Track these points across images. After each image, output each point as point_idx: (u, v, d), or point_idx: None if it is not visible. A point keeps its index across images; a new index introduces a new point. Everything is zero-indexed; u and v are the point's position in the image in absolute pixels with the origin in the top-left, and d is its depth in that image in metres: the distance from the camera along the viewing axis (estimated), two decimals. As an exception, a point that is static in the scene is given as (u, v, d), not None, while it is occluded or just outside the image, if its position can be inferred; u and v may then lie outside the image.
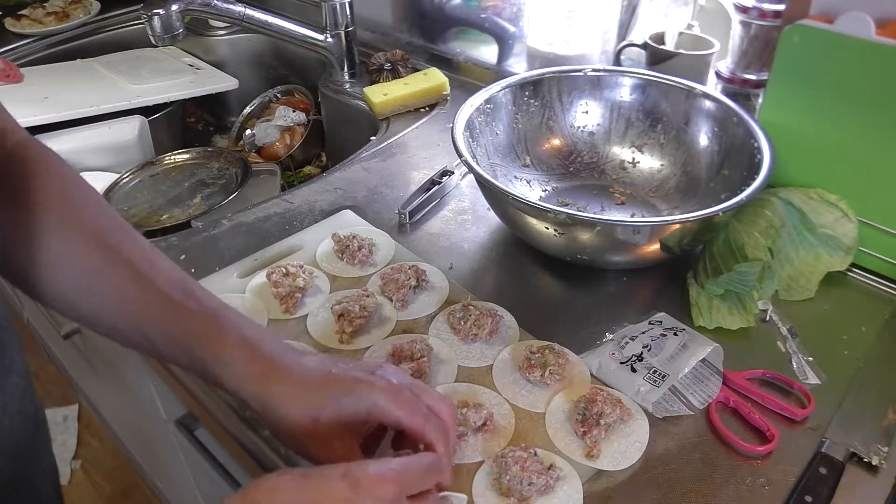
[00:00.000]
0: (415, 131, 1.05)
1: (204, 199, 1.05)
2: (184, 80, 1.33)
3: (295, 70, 1.45)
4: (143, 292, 0.49)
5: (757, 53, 0.90)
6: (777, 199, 0.76)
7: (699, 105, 0.85)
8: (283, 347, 0.50)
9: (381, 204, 0.88)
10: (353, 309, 0.66)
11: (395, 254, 0.78)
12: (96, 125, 1.18)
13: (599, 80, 0.90)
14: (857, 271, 0.76)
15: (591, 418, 0.57)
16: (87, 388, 1.49)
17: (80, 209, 0.51)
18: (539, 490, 0.52)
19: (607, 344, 0.66)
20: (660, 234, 0.69)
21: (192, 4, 1.05)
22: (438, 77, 1.11)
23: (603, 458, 0.56)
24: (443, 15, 1.24)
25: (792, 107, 0.76)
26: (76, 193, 0.52)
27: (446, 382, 0.62)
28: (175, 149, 1.18)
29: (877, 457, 0.56)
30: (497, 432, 0.57)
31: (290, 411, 0.47)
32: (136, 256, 0.50)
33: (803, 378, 0.64)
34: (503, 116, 0.88)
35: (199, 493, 1.05)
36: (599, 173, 0.91)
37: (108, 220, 0.52)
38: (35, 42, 1.42)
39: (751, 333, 0.69)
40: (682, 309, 0.71)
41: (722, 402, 0.61)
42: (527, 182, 0.88)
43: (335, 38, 1.18)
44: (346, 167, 0.96)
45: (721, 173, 0.81)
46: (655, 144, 0.89)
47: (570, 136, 0.92)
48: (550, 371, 0.61)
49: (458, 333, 0.66)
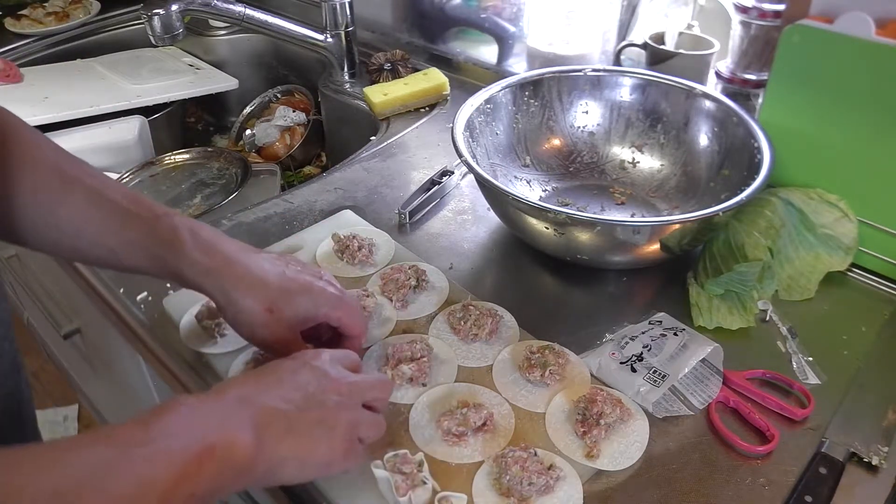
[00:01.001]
0: (415, 131, 1.05)
1: (204, 199, 1.05)
2: (184, 80, 1.33)
3: (295, 70, 1.45)
4: (101, 208, 0.54)
5: (757, 53, 0.90)
6: (777, 199, 0.76)
7: (699, 105, 0.85)
8: (238, 246, 0.56)
9: (381, 204, 0.88)
10: (353, 309, 0.66)
11: (395, 254, 0.78)
12: (96, 125, 1.18)
13: (599, 80, 0.90)
14: (857, 271, 0.76)
15: (591, 418, 0.57)
16: (87, 388, 1.49)
17: (35, 149, 0.54)
18: (539, 490, 0.52)
19: (607, 344, 0.66)
20: (660, 234, 0.69)
21: (192, 4, 1.05)
22: (438, 77, 1.11)
23: (603, 458, 0.55)
24: (443, 15, 1.24)
25: (792, 107, 0.76)
26: (29, 135, 0.55)
27: (446, 382, 0.62)
28: (175, 149, 1.18)
29: (877, 457, 0.56)
30: (497, 432, 0.57)
31: (249, 304, 0.54)
32: (90, 181, 0.55)
33: (803, 378, 0.64)
34: (503, 116, 0.88)
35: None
36: (599, 173, 0.91)
37: (60, 154, 0.56)
38: (35, 42, 1.42)
39: (751, 333, 0.69)
40: (682, 309, 0.71)
41: (722, 402, 0.61)
42: (527, 182, 0.88)
43: (335, 38, 1.18)
44: (346, 167, 0.96)
45: (721, 173, 0.81)
46: (655, 144, 0.89)
47: (570, 136, 0.92)
48: (550, 371, 0.61)
49: (458, 333, 0.66)
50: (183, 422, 0.42)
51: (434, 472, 0.53)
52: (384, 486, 0.52)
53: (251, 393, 0.46)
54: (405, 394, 0.61)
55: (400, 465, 0.52)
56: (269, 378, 0.48)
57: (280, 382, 0.48)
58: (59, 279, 0.89)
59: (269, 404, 0.46)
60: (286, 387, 0.48)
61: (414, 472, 0.52)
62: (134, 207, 0.54)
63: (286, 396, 0.47)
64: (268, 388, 0.47)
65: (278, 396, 0.47)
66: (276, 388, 0.47)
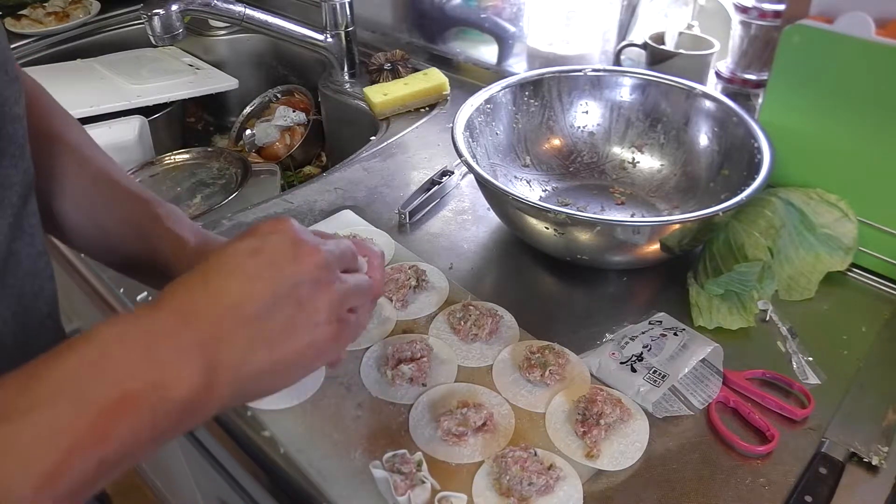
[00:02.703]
0: (415, 131, 1.05)
1: (204, 199, 1.05)
2: (184, 80, 1.33)
3: (295, 70, 1.45)
4: (95, 186, 0.54)
5: (757, 53, 0.90)
6: (777, 199, 0.76)
7: (699, 105, 0.85)
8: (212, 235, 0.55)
9: (381, 204, 0.88)
10: (353, 309, 0.66)
11: (395, 254, 0.78)
12: (96, 125, 1.18)
13: (599, 80, 0.90)
14: (857, 271, 0.76)
15: (591, 418, 0.57)
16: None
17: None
18: (539, 490, 0.52)
19: (607, 344, 0.66)
20: (660, 234, 0.69)
21: (192, 4, 1.05)
22: (438, 77, 1.11)
23: (603, 458, 0.55)
24: (443, 15, 1.24)
25: (792, 107, 0.76)
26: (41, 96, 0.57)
27: (446, 382, 0.62)
28: (175, 149, 1.18)
29: (877, 457, 0.56)
30: (497, 432, 0.57)
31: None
32: (78, 141, 0.55)
33: (803, 378, 0.64)
34: (503, 116, 0.88)
35: (199, 493, 1.05)
36: (599, 173, 0.91)
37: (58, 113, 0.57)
38: (35, 42, 1.42)
39: (751, 333, 0.69)
40: (682, 309, 0.71)
41: (722, 402, 0.61)
42: (527, 182, 0.88)
43: (335, 38, 1.18)
44: (346, 167, 0.96)
45: (721, 173, 0.81)
46: (655, 144, 0.89)
47: (570, 136, 0.92)
48: (550, 371, 0.61)
49: (458, 333, 0.66)
50: (87, 368, 0.32)
51: (434, 472, 0.53)
52: (383, 486, 0.52)
53: (198, 298, 0.35)
54: (405, 394, 0.61)
55: (399, 465, 0.52)
56: (222, 269, 0.37)
57: (237, 272, 0.36)
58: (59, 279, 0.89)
59: (224, 308, 0.35)
60: (245, 276, 0.36)
61: (413, 472, 0.52)
62: (125, 183, 0.55)
63: (247, 291, 0.36)
64: (221, 284, 0.36)
65: (236, 293, 0.36)
66: (231, 282, 0.36)
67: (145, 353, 0.33)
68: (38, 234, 0.47)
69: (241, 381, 0.36)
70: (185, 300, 0.36)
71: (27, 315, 0.45)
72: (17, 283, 0.44)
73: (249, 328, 0.36)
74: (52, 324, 0.50)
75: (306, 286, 0.38)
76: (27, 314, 0.45)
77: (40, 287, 0.47)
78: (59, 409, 0.30)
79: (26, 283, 0.45)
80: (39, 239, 0.47)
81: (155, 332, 0.34)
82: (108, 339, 0.33)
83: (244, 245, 0.38)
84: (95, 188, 0.55)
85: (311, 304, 0.38)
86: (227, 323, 0.35)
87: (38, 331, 0.47)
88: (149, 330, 0.34)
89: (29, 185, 0.45)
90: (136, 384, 0.32)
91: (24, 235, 0.44)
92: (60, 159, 0.53)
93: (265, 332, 0.36)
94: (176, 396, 0.33)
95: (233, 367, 0.35)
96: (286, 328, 0.37)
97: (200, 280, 0.36)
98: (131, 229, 0.54)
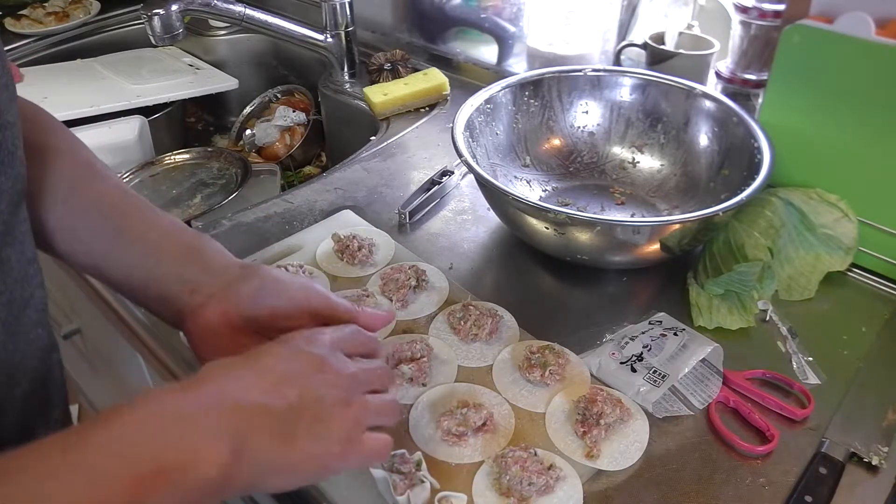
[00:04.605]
0: (415, 131, 1.05)
1: (204, 199, 1.05)
2: (184, 80, 1.33)
3: (295, 70, 1.45)
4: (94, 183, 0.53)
5: (757, 53, 0.90)
6: (777, 199, 0.76)
7: (699, 105, 0.85)
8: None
9: (381, 204, 0.88)
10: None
11: (395, 254, 0.78)
12: (96, 125, 1.18)
13: (599, 80, 0.90)
14: (857, 271, 0.76)
15: (591, 418, 0.57)
16: (88, 389, 1.49)
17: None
18: (539, 490, 0.52)
19: (607, 344, 0.66)
20: (660, 234, 0.69)
21: (192, 4, 1.05)
22: (438, 77, 1.11)
23: (603, 458, 0.55)
24: (443, 15, 1.24)
25: (792, 107, 0.76)
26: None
27: (446, 382, 0.62)
28: (175, 149, 1.18)
29: (877, 457, 0.56)
30: (497, 432, 0.57)
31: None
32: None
33: (803, 378, 0.64)
34: (503, 116, 0.88)
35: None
36: (599, 173, 0.91)
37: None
38: (35, 42, 1.42)
39: (751, 333, 0.69)
40: (682, 309, 0.71)
41: (722, 402, 0.61)
42: (527, 182, 0.88)
43: (335, 38, 1.18)
44: (346, 167, 0.96)
45: (721, 173, 0.81)
46: (655, 144, 0.89)
47: (570, 136, 0.92)
48: (550, 371, 0.61)
49: (458, 333, 0.66)
50: (126, 439, 0.34)
51: (434, 472, 0.53)
52: (382, 486, 0.52)
53: (233, 387, 0.39)
54: (405, 394, 0.61)
55: (398, 465, 0.52)
56: (256, 367, 0.41)
57: (269, 373, 0.41)
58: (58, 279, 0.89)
59: (256, 402, 0.39)
60: (277, 379, 0.40)
61: (412, 472, 0.52)
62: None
63: (277, 391, 0.40)
64: (255, 379, 0.40)
65: (267, 391, 0.39)
66: (264, 380, 0.40)
67: (185, 432, 0.36)
68: (29, 242, 0.47)
69: (255, 472, 0.38)
70: (223, 387, 0.39)
71: (18, 323, 0.45)
72: (6, 290, 0.44)
73: (273, 424, 0.39)
74: (42, 332, 0.50)
75: (327, 400, 0.41)
76: (18, 322, 0.45)
77: (31, 294, 0.47)
78: (97, 472, 0.33)
79: (16, 290, 0.45)
80: (30, 246, 0.47)
81: (191, 412, 0.37)
82: (151, 411, 0.36)
83: (283, 350, 0.43)
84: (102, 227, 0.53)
85: (329, 419, 0.41)
86: (256, 413, 0.38)
87: (29, 339, 0.47)
88: (185, 410, 0.37)
89: (20, 191, 0.45)
90: (172, 460, 0.35)
91: (14, 242, 0.44)
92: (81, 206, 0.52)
93: (286, 431, 0.39)
94: (205, 475, 0.36)
95: (253, 456, 0.38)
96: (304, 433, 0.40)
97: (237, 370, 0.41)
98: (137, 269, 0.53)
